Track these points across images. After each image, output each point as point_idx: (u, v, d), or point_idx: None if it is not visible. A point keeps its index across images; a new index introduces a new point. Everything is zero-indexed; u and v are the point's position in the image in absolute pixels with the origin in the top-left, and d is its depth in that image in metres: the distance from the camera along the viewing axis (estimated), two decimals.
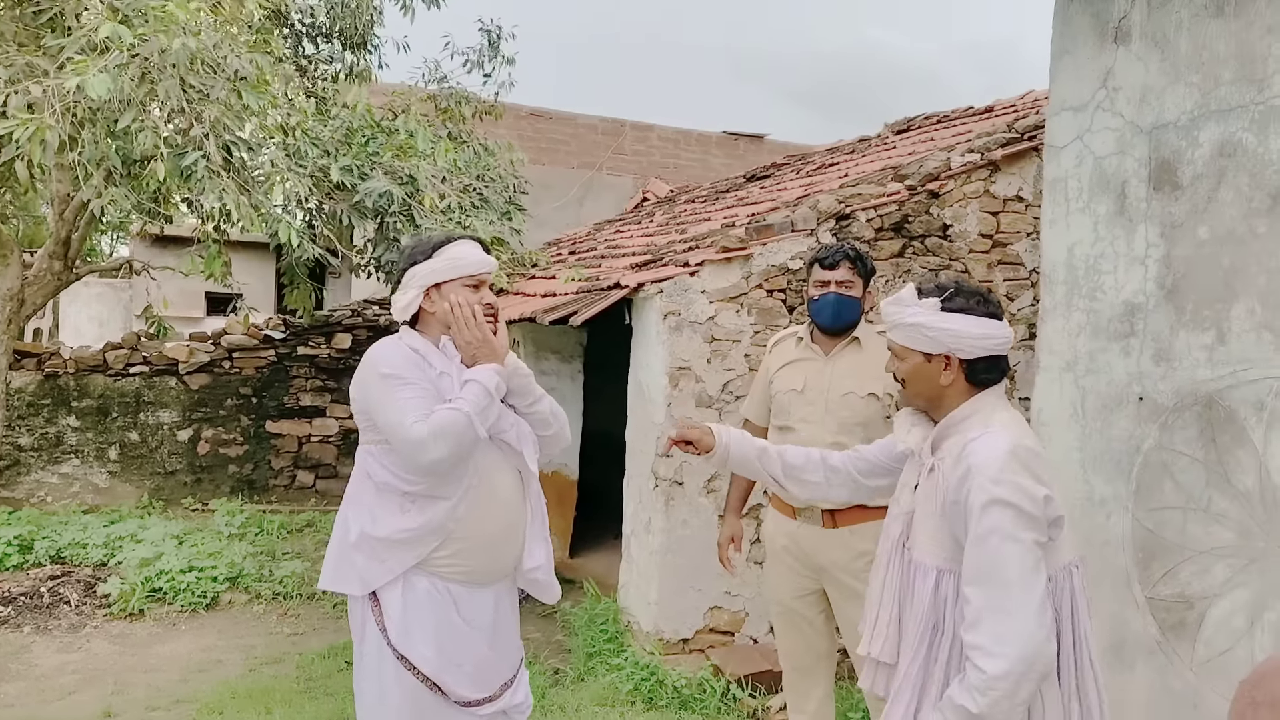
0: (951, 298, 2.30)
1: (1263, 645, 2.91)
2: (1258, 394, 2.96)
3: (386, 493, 2.73)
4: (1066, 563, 2.24)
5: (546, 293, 6.39)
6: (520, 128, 12.32)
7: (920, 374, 2.35)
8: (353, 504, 2.80)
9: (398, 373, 2.70)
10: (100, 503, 8.71)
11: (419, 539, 2.71)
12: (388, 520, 2.71)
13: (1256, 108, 3.01)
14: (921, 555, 2.31)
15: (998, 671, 2.04)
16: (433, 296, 2.82)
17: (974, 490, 2.13)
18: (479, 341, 2.78)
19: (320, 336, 9.67)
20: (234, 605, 6.32)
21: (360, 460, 2.82)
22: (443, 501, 2.71)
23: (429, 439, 2.58)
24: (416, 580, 2.73)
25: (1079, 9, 3.63)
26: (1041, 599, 2.09)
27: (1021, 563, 2.09)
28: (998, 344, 2.29)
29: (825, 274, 3.60)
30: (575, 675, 5.03)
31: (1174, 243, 3.24)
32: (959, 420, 2.30)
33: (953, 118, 8.57)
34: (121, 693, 4.91)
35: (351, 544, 2.75)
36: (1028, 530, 2.10)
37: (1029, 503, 2.10)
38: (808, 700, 3.65)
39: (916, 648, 2.28)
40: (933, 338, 2.30)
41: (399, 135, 6.69)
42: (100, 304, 19.01)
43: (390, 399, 2.65)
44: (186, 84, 4.23)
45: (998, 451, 2.14)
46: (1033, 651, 2.05)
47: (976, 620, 2.11)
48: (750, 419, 3.92)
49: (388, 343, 2.82)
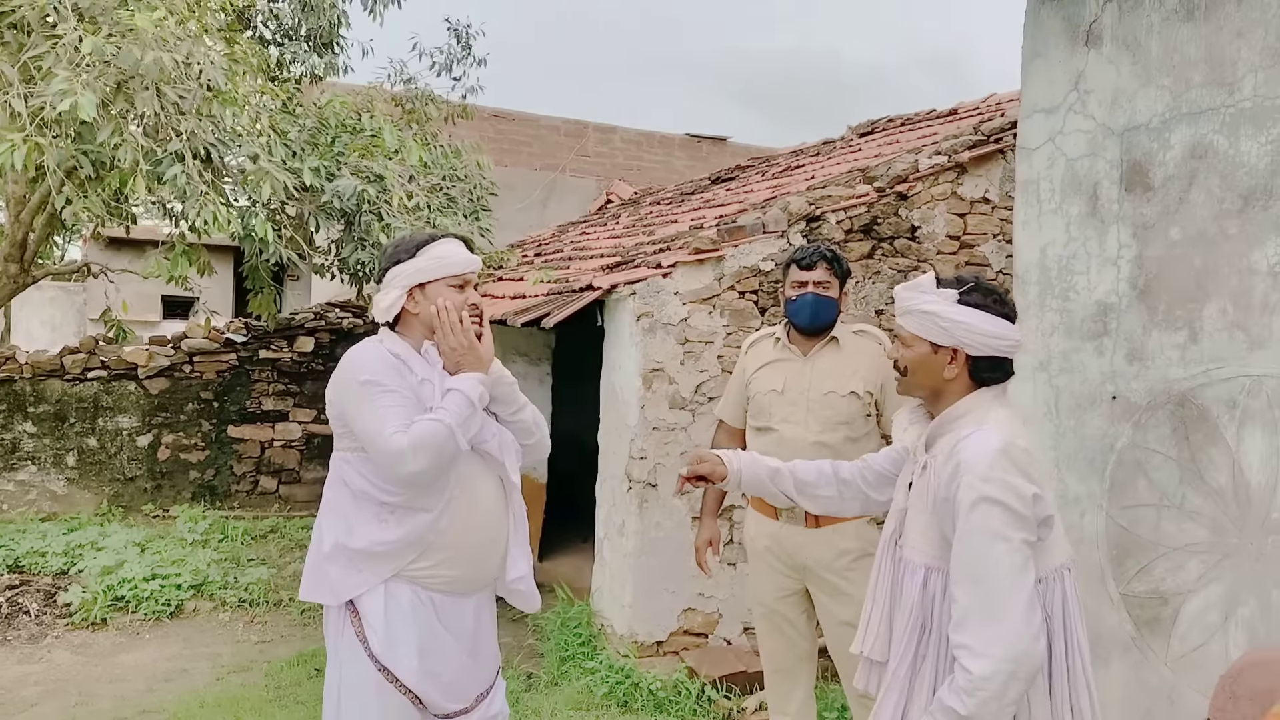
0: (970, 292, 2.29)
1: (1237, 640, 2.95)
2: (1230, 392, 3.00)
3: (364, 501, 2.65)
4: (1058, 564, 2.23)
5: (516, 294, 6.36)
6: (482, 129, 12.26)
7: (925, 364, 2.33)
8: (329, 513, 2.72)
9: (377, 379, 2.60)
10: (58, 510, 8.55)
11: (397, 552, 2.63)
12: (365, 531, 2.63)
13: (1227, 110, 3.05)
14: (911, 553, 2.30)
15: (984, 672, 2.03)
16: (416, 297, 2.73)
17: (963, 487, 2.12)
18: (464, 348, 2.69)
19: (282, 340, 9.55)
20: (199, 613, 6.23)
21: (336, 467, 2.72)
22: (423, 514, 2.63)
23: (409, 451, 2.49)
24: (398, 589, 2.65)
25: (1050, 12, 3.67)
26: (1029, 598, 2.07)
27: (1009, 562, 2.07)
28: (1007, 345, 2.27)
29: (803, 275, 3.62)
30: (549, 680, 5.01)
31: (1146, 243, 3.28)
32: (954, 417, 2.28)
33: (916, 120, 8.63)
34: (86, 704, 4.82)
35: (325, 554, 2.66)
36: (1016, 529, 2.09)
37: (1017, 501, 2.09)
38: (789, 701, 3.66)
39: (905, 646, 2.27)
40: (945, 329, 2.27)
41: (365, 134, 6.63)
42: (53, 308, 18.66)
43: (369, 407, 2.56)
44: (162, 94, 4.17)
45: (988, 449, 2.13)
46: (1020, 652, 2.04)
47: (963, 620, 2.10)
48: (725, 420, 3.93)
49: (367, 346, 2.71)
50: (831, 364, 3.63)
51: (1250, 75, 2.98)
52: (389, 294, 2.73)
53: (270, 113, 5.37)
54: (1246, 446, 2.95)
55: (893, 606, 2.35)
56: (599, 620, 5.45)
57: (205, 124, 4.48)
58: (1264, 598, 2.89)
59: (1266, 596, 2.88)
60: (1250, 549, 2.93)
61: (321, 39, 7.44)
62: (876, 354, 3.67)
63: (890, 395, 3.66)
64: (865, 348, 3.68)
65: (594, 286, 5.22)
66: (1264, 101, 2.94)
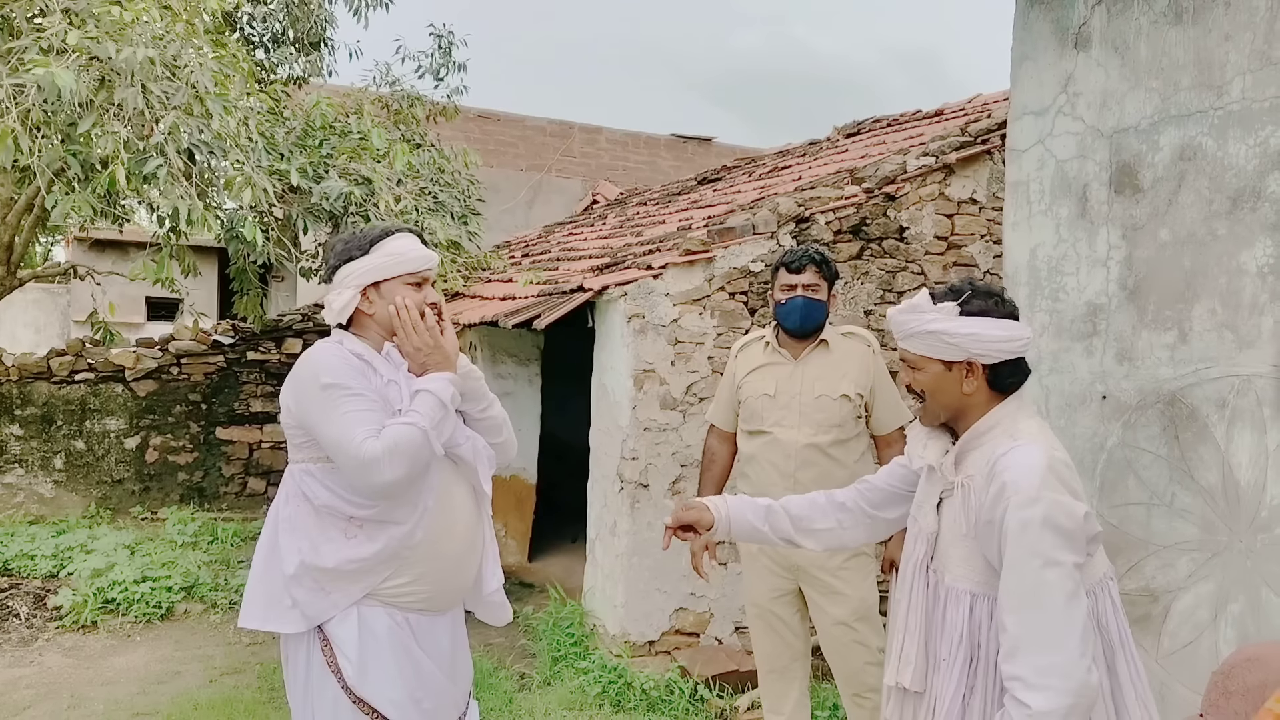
0: (969, 300, 2.16)
1: (1226, 638, 2.99)
2: (1219, 392, 3.04)
3: (329, 517, 2.44)
4: (1101, 575, 2.13)
5: (505, 295, 6.37)
6: (468, 130, 12.25)
7: (941, 384, 2.20)
8: (288, 530, 2.48)
9: (341, 381, 2.41)
10: (46, 513, 8.51)
11: (370, 569, 2.43)
12: (332, 548, 2.42)
13: (1215, 113, 3.09)
14: (954, 580, 2.17)
15: (1042, 707, 1.91)
16: (371, 297, 2.54)
17: (1010, 509, 2.00)
18: (430, 347, 2.52)
19: (270, 342, 9.54)
20: (190, 615, 6.21)
21: (294, 480, 2.50)
22: (395, 526, 2.44)
23: (384, 458, 2.31)
24: (372, 614, 2.45)
25: (1039, 15, 3.70)
26: (1084, 626, 1.96)
27: (1064, 588, 1.96)
28: (1020, 345, 2.15)
29: (791, 278, 3.65)
30: (541, 680, 5.02)
31: (1135, 244, 3.32)
32: (983, 432, 2.16)
33: (903, 121, 8.68)
34: (78, 706, 4.81)
35: (290, 576, 2.44)
36: (1068, 553, 1.97)
37: (1069, 521, 1.98)
38: (784, 701, 3.68)
39: (956, 679, 2.13)
40: (954, 344, 2.15)
41: (352, 137, 6.63)
42: (37, 310, 18.55)
43: (334, 412, 2.37)
44: (147, 90, 4.16)
45: (1035, 467, 2.01)
46: (1078, 683, 1.92)
47: (1014, 650, 1.97)
48: (716, 424, 3.95)
49: (326, 348, 2.51)
50: (822, 367, 3.66)
51: (1238, 78, 3.02)
52: (342, 294, 2.54)
53: (258, 115, 5.36)
54: (1235, 445, 2.99)
55: (928, 634, 2.22)
56: (591, 620, 5.46)
57: (191, 123, 4.47)
58: (1254, 595, 2.93)
59: (1256, 594, 2.92)
60: (1240, 547, 2.97)
61: (308, 41, 7.43)
62: (865, 355, 3.71)
63: (879, 396, 3.70)
64: (854, 349, 3.71)
65: (585, 288, 5.23)
66: (1252, 104, 2.98)
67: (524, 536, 7.45)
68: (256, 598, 2.52)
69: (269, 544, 2.53)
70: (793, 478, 3.57)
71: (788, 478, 3.58)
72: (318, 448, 2.43)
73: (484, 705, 4.60)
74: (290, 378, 2.49)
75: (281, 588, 2.46)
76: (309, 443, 2.45)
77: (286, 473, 2.56)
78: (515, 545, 7.41)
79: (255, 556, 2.57)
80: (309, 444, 2.45)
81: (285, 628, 2.48)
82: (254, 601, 2.53)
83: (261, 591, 2.51)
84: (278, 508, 2.54)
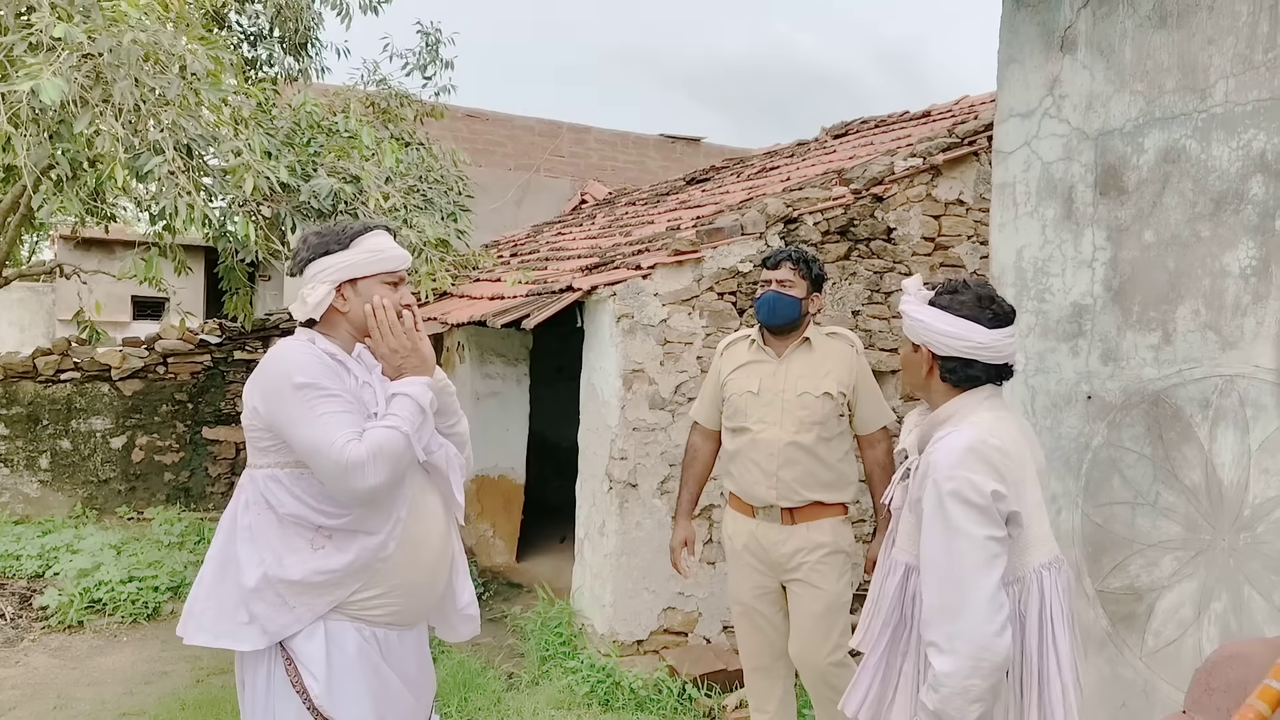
0: (941, 294, 2.34)
1: (1210, 635, 3.02)
2: (1203, 392, 3.06)
3: (295, 527, 2.32)
4: (1037, 564, 2.23)
5: (494, 295, 6.37)
6: (456, 129, 12.24)
7: (908, 362, 2.42)
8: (247, 540, 2.33)
9: (315, 381, 2.28)
10: (31, 513, 8.48)
11: (339, 582, 2.31)
12: (298, 560, 2.30)
13: (1199, 116, 3.12)
14: (897, 551, 2.35)
15: (946, 669, 2.06)
16: (346, 294, 2.44)
17: (928, 485, 2.17)
18: (407, 350, 2.42)
19: (257, 341, 9.52)
20: (176, 615, 6.15)
21: (256, 486, 2.36)
22: (367, 537, 2.33)
23: (368, 462, 2.21)
24: (340, 630, 2.34)
25: (1026, 18, 3.72)
26: (992, 594, 2.08)
27: (972, 558, 2.09)
28: (968, 347, 2.28)
29: (768, 274, 3.72)
30: (530, 680, 5.03)
31: (1120, 246, 3.35)
32: (942, 420, 2.32)
33: (890, 122, 8.71)
34: (65, 707, 4.80)
35: (250, 589, 2.29)
36: (980, 525, 2.10)
37: (976, 495, 2.11)
38: (769, 699, 3.71)
39: (878, 638, 2.32)
40: (911, 328, 2.35)
41: (341, 135, 6.63)
42: (22, 309, 18.46)
43: (309, 413, 2.24)
44: (140, 83, 4.15)
45: (956, 447, 2.17)
46: (979, 647, 2.05)
47: (929, 617, 2.13)
48: (700, 421, 3.98)
49: (297, 345, 2.38)
50: (805, 365, 3.70)
51: (1222, 81, 3.04)
52: (316, 289, 2.41)
53: (250, 108, 5.35)
54: (1219, 445, 3.01)
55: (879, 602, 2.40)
56: (579, 620, 5.47)
57: (186, 117, 4.46)
58: (1237, 593, 2.96)
59: (1239, 592, 2.95)
60: (1223, 545, 2.99)
61: (296, 40, 7.42)
62: (848, 355, 3.75)
63: (862, 396, 3.75)
64: (836, 349, 3.75)
65: (574, 288, 5.24)
66: (1235, 107, 3.01)
67: (512, 536, 7.45)
68: (206, 611, 2.36)
69: (222, 554, 2.38)
70: (775, 475, 3.61)
71: (770, 475, 3.62)
72: (285, 451, 2.32)
73: (472, 705, 4.61)
74: (257, 376, 2.36)
75: (236, 602, 2.32)
76: (276, 446, 2.33)
77: (245, 478, 2.42)
78: (503, 545, 7.41)
79: (205, 568, 2.42)
80: (276, 448, 2.33)
81: (241, 644, 2.32)
82: (203, 615, 2.36)
83: (213, 606, 2.35)
84: (234, 515, 2.40)
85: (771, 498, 3.61)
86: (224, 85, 4.79)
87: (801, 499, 3.60)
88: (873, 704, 2.32)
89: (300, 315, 2.44)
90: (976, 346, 2.28)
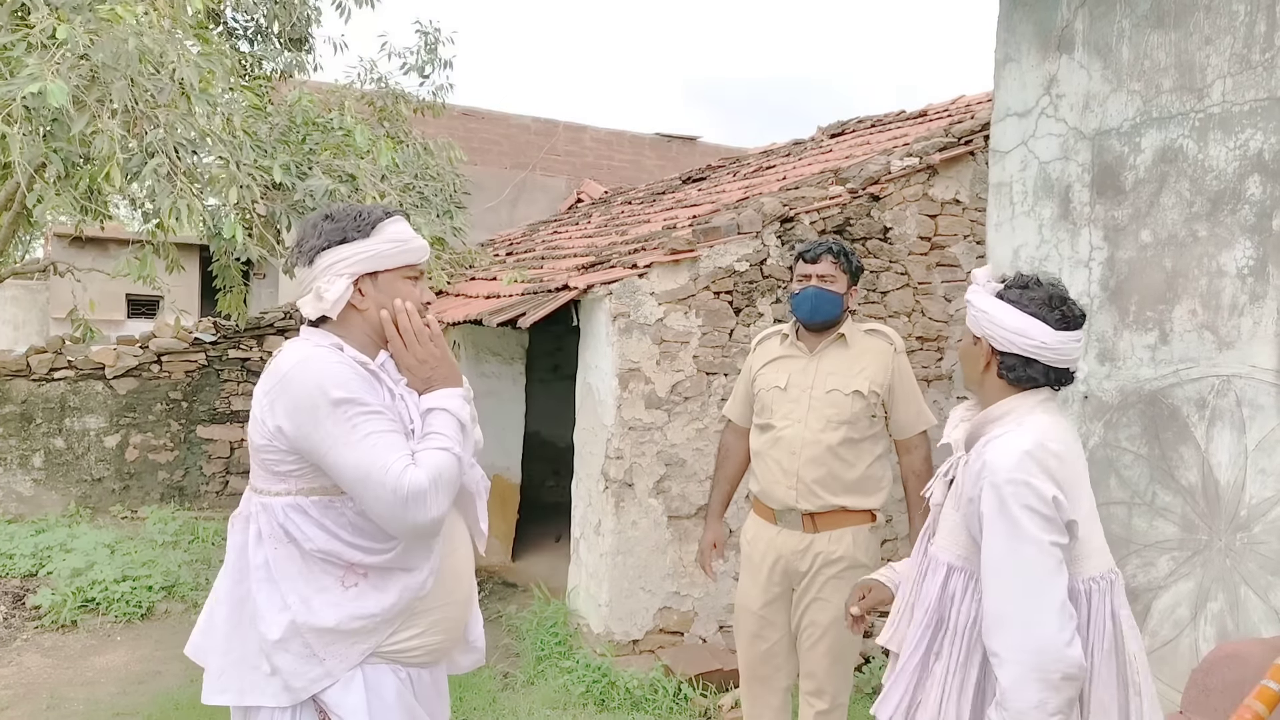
0: (1011, 287, 2.23)
1: (1207, 636, 3.02)
2: (1199, 392, 3.07)
3: (323, 564, 2.03)
4: (1089, 576, 2.12)
5: (490, 294, 6.36)
6: (452, 127, 12.22)
7: (967, 353, 2.32)
8: (265, 581, 2.03)
9: (355, 396, 1.98)
10: (25, 512, 8.45)
11: (375, 628, 2.04)
12: (328, 602, 2.01)
13: (1196, 115, 3.12)
14: (937, 549, 2.26)
15: (1008, 682, 1.97)
16: (365, 289, 2.11)
17: (985, 489, 2.07)
18: (437, 359, 2.12)
19: (252, 339, 9.49)
20: (170, 615, 6.18)
21: (272, 517, 2.04)
22: (405, 574, 2.06)
23: (430, 491, 1.94)
24: (376, 673, 2.08)
25: (1022, 18, 3.72)
26: (1063, 602, 1.98)
27: (1041, 565, 1.99)
28: (1031, 345, 2.16)
29: (807, 268, 3.50)
30: (525, 679, 5.02)
31: (1117, 246, 3.35)
32: (995, 417, 2.21)
33: (886, 121, 8.71)
34: (58, 707, 4.78)
35: (275, 641, 2.00)
36: (1044, 531, 2.01)
37: (1039, 502, 2.02)
38: (765, 710, 3.64)
39: (917, 642, 2.22)
40: (974, 317, 2.24)
41: (336, 133, 6.62)
42: (15, 307, 18.41)
43: (353, 434, 1.95)
44: (136, 85, 4.14)
45: (1014, 450, 2.07)
46: (1051, 658, 1.95)
47: (992, 626, 2.03)
48: (732, 419, 3.82)
49: (323, 354, 2.03)
50: (837, 362, 3.51)
51: (1219, 81, 3.05)
52: (334, 282, 2.07)
53: (241, 111, 5.33)
54: (1215, 445, 3.01)
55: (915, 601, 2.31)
56: (575, 619, 5.46)
57: (179, 120, 4.46)
58: (1233, 593, 2.96)
59: (1235, 592, 2.95)
60: (1219, 545, 2.99)
61: (290, 38, 7.40)
62: (885, 353, 3.52)
63: (898, 397, 3.51)
64: (874, 347, 3.53)
65: (570, 286, 5.23)
66: (1232, 107, 3.01)
67: (507, 536, 7.44)
68: (224, 667, 2.07)
69: (233, 596, 2.08)
70: (796, 475, 3.44)
71: (791, 475, 3.45)
72: (311, 476, 2.02)
73: (467, 705, 4.60)
74: (277, 390, 2.01)
75: (256, 651, 2.03)
76: (300, 471, 2.02)
77: (254, 505, 2.08)
78: (499, 545, 7.40)
79: (215, 613, 2.11)
80: (300, 473, 2.02)
81: (263, 699, 2.03)
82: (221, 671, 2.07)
83: (234, 659, 2.06)
84: (242, 550, 2.08)
85: (791, 499, 3.44)
86: (213, 91, 4.78)
87: (824, 503, 3.42)
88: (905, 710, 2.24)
89: (312, 313, 2.10)
90: (1040, 346, 2.16)
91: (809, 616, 3.49)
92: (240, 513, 2.13)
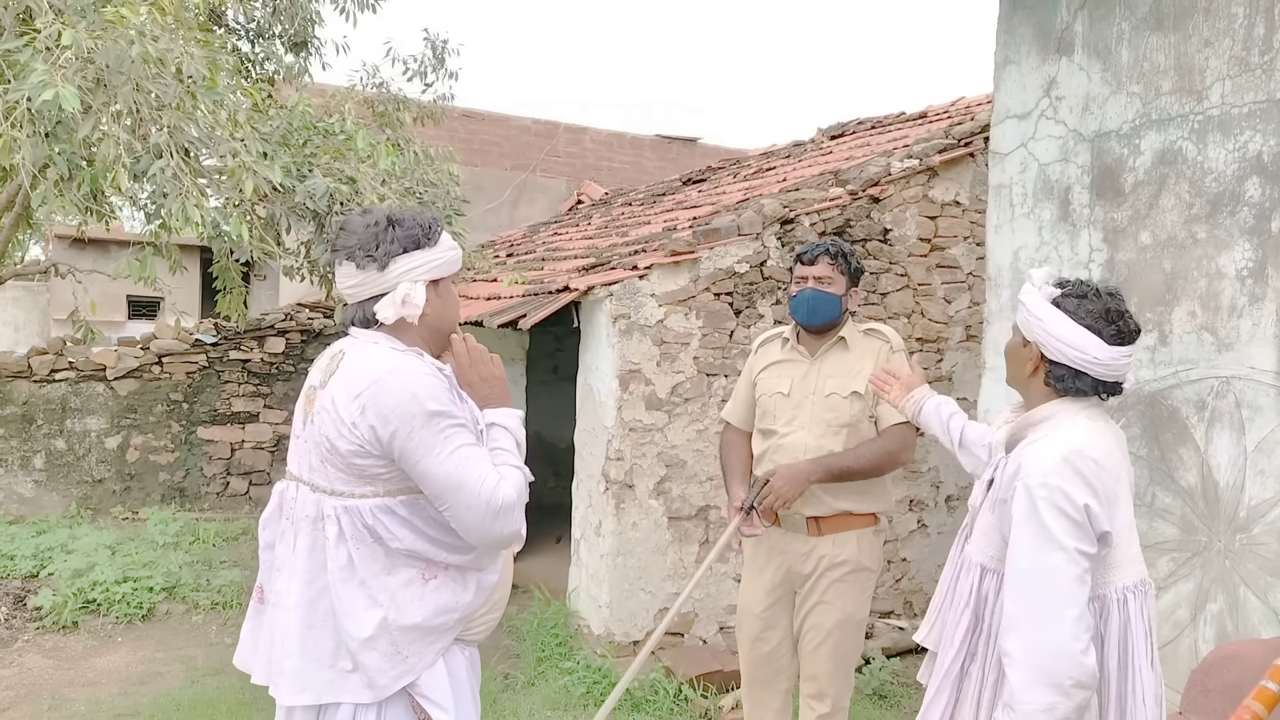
0: (1068, 296, 2.18)
1: (1206, 637, 3.02)
2: (1199, 393, 3.07)
3: (407, 561, 2.09)
4: (1121, 585, 2.11)
5: (490, 295, 6.37)
6: (453, 129, 12.22)
7: (1014, 354, 2.28)
8: (348, 581, 2.07)
9: (448, 409, 2.04)
10: (26, 513, 8.46)
11: (454, 625, 2.13)
12: (413, 597, 2.08)
13: (1195, 117, 3.13)
14: (971, 550, 2.27)
15: (1021, 683, 1.97)
16: (430, 296, 2.18)
17: (1019, 490, 2.07)
18: (496, 378, 2.22)
19: (253, 341, 9.51)
20: (171, 616, 6.18)
21: (357, 519, 2.07)
22: (479, 573, 2.16)
23: (518, 505, 2.04)
24: (450, 652, 2.17)
25: (1022, 19, 3.73)
26: (1081, 610, 1.98)
27: (1064, 571, 1.99)
28: (1082, 359, 2.13)
29: (804, 270, 3.48)
30: (526, 680, 5.03)
31: (1117, 247, 3.35)
32: (1036, 421, 2.19)
33: (887, 123, 8.72)
34: (59, 708, 4.79)
35: (365, 639, 2.05)
36: (1071, 537, 2.00)
37: (1070, 507, 2.01)
38: (765, 712, 3.63)
39: (958, 645, 2.23)
40: (1026, 321, 2.21)
41: (337, 136, 6.62)
42: (16, 308, 18.41)
43: (446, 446, 2.01)
44: (141, 87, 4.14)
45: (1050, 455, 2.06)
46: (1065, 665, 1.94)
47: (1009, 626, 2.03)
48: (731, 422, 3.76)
49: (413, 363, 2.08)
50: (837, 365, 3.49)
51: (1218, 84, 3.05)
52: (416, 289, 2.13)
53: (245, 110, 5.34)
54: (1215, 446, 3.02)
55: (949, 601, 2.32)
56: (575, 621, 5.47)
57: (184, 120, 4.46)
58: (1232, 594, 2.96)
59: (1235, 593, 2.96)
60: (1219, 546, 3.00)
61: (295, 38, 7.41)
62: (882, 352, 3.49)
63: None
64: (871, 347, 3.51)
65: (571, 288, 5.24)
66: (1231, 109, 3.02)
67: None
68: (304, 668, 2.10)
69: (307, 598, 2.10)
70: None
71: None
72: (398, 479, 2.07)
73: None
74: (369, 395, 2.03)
75: (336, 648, 2.09)
76: (389, 474, 2.07)
77: (334, 507, 2.09)
78: None
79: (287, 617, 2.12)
80: (388, 476, 2.07)
81: (343, 696, 2.08)
82: (300, 672, 2.10)
83: (310, 659, 2.09)
84: (313, 551, 2.11)
85: (796, 504, 3.41)
86: (219, 88, 4.78)
87: (828, 507, 3.40)
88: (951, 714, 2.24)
89: (391, 317, 2.13)
90: (1091, 361, 2.13)
91: (812, 619, 3.48)
92: (301, 515, 2.14)
